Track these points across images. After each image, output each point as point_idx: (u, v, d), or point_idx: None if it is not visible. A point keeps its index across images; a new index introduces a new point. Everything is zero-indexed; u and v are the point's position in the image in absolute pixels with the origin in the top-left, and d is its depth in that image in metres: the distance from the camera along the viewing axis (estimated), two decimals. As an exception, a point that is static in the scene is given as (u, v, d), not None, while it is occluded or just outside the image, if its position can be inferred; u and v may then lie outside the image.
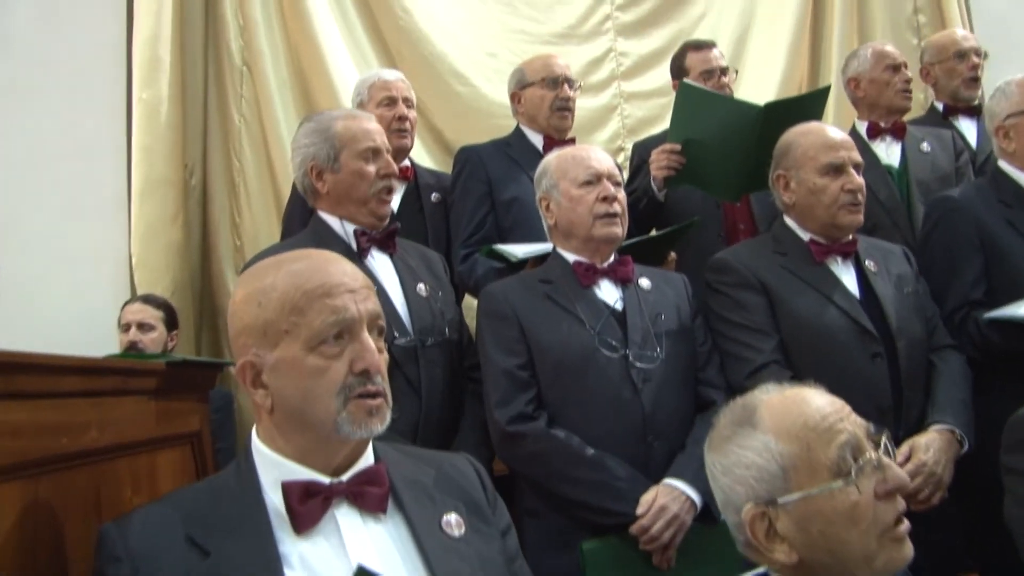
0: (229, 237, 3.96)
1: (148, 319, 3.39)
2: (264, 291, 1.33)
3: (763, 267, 2.35)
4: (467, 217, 2.99)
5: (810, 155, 2.37)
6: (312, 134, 2.29)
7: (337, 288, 1.33)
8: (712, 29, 4.40)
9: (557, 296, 2.22)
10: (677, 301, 2.32)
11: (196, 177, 3.92)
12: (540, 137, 3.14)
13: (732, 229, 3.16)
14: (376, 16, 4.15)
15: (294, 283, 1.32)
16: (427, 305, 2.28)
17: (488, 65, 4.21)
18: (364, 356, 1.32)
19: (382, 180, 2.27)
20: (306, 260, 1.37)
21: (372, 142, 2.28)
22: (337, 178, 2.26)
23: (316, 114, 2.40)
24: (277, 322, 1.30)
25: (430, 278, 2.38)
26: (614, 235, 2.27)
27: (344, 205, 2.27)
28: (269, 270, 1.36)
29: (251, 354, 1.32)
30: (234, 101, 3.99)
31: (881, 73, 3.30)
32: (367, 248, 2.26)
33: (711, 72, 3.37)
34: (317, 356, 1.30)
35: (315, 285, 1.32)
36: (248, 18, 3.97)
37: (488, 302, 2.27)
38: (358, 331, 1.33)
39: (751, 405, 1.36)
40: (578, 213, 2.27)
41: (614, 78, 4.41)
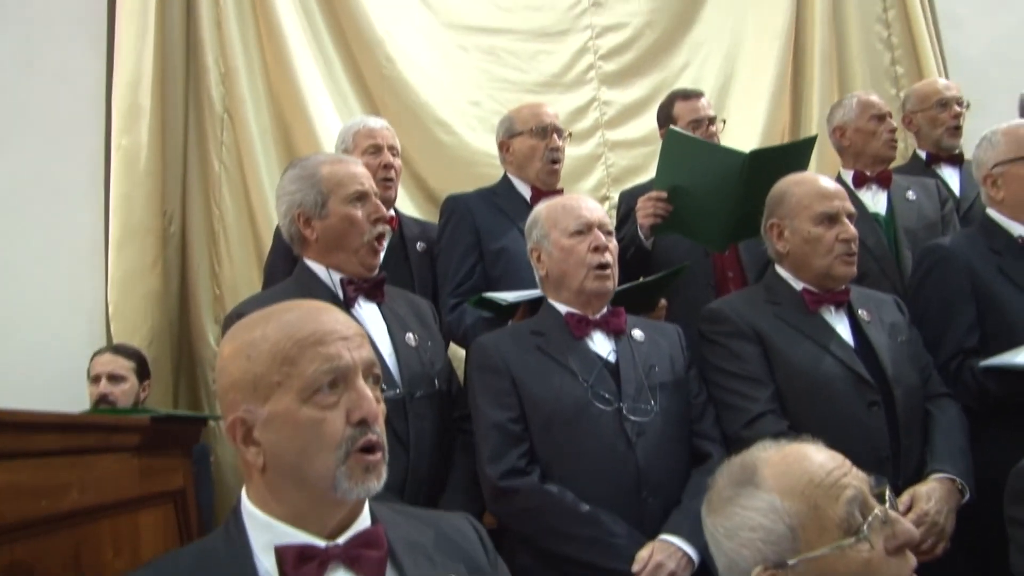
0: (209, 286, 3.90)
1: (119, 370, 3.31)
2: (253, 343, 1.28)
3: (757, 316, 2.34)
4: (455, 267, 2.95)
5: (804, 204, 2.37)
6: (298, 180, 2.24)
7: (329, 336, 1.29)
8: (695, 79, 4.44)
9: (549, 348, 2.20)
10: (671, 352, 2.30)
11: (175, 225, 3.87)
12: (528, 187, 3.12)
13: (721, 278, 3.15)
14: (359, 65, 4.16)
15: (285, 333, 1.28)
16: (416, 356, 2.23)
17: (472, 114, 4.22)
18: (362, 404, 1.27)
19: (374, 226, 2.23)
20: (296, 310, 1.33)
21: (360, 186, 2.24)
22: (326, 224, 2.21)
23: (301, 159, 2.35)
24: (268, 374, 1.26)
25: (419, 327, 2.33)
26: (606, 289, 2.26)
27: (333, 253, 2.22)
28: (258, 322, 1.32)
29: (242, 410, 1.27)
30: (215, 148, 3.96)
31: (867, 123, 3.34)
32: (354, 297, 2.21)
33: (699, 121, 3.39)
34: (312, 407, 1.25)
35: (306, 334, 1.28)
36: (230, 65, 3.96)
37: (479, 355, 2.24)
38: (353, 379, 1.28)
39: (751, 464, 1.33)
40: (570, 264, 2.25)
41: (598, 127, 4.43)
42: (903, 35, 4.65)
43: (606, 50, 4.52)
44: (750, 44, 4.63)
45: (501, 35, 4.40)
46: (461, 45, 4.33)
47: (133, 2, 3.70)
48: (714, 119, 3.44)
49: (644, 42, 4.56)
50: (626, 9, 4.58)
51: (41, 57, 3.56)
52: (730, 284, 3.09)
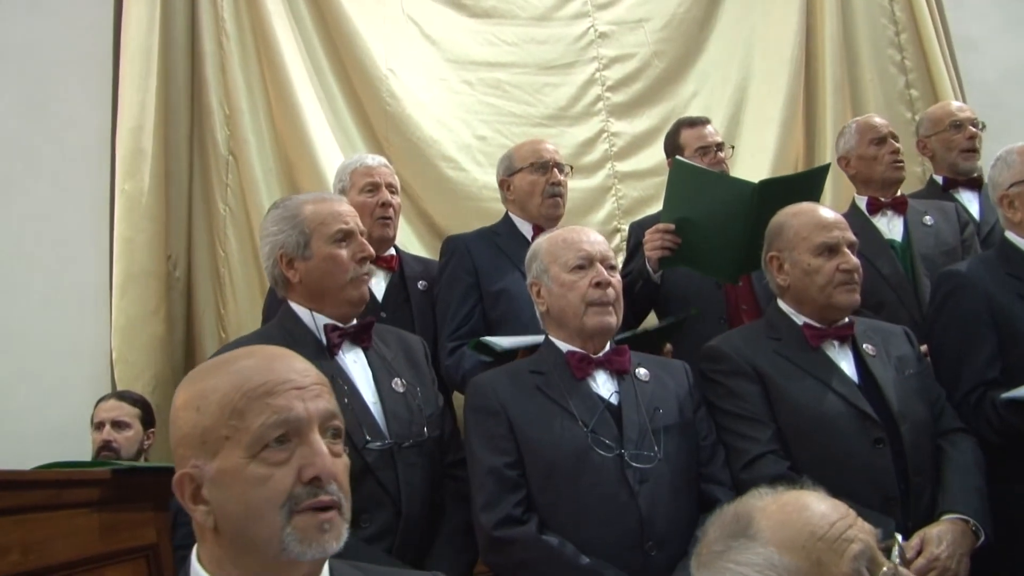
0: (214, 329, 3.85)
1: (123, 417, 3.25)
2: (203, 394, 1.21)
3: (757, 353, 2.27)
4: (453, 309, 2.90)
5: (803, 235, 2.30)
6: (280, 221, 2.20)
7: (281, 386, 1.21)
8: (704, 108, 4.36)
9: (549, 389, 2.12)
10: (678, 392, 2.22)
11: (180, 269, 3.84)
12: (529, 226, 3.07)
13: (734, 311, 3.07)
14: (363, 102, 4.13)
15: (234, 383, 1.20)
16: (404, 403, 2.15)
17: (478, 149, 4.17)
18: (314, 461, 1.19)
19: (358, 264, 2.17)
20: (250, 358, 1.26)
21: (344, 224, 2.18)
22: (309, 266, 2.15)
23: (284, 199, 2.30)
24: (216, 428, 1.18)
25: (408, 369, 2.25)
26: (607, 325, 2.17)
27: (317, 296, 2.17)
28: (211, 371, 1.25)
29: (190, 466, 1.20)
30: (219, 190, 3.93)
31: (867, 148, 3.25)
32: (338, 343, 2.15)
33: (707, 148, 3.32)
34: (259, 463, 1.17)
35: (256, 384, 1.20)
36: (234, 107, 3.94)
37: (475, 396, 2.16)
38: (306, 433, 1.20)
39: (745, 514, 1.21)
40: (569, 300, 2.18)
41: (607, 159, 4.36)
42: (917, 58, 4.56)
43: (614, 81, 4.47)
44: (760, 71, 4.55)
45: (507, 69, 4.36)
46: (466, 80, 4.29)
47: (136, 46, 3.70)
48: (722, 145, 3.37)
49: (652, 72, 4.51)
50: (633, 39, 4.53)
51: (48, 102, 3.58)
52: (744, 317, 3.00)
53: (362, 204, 2.85)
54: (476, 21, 4.40)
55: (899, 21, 4.61)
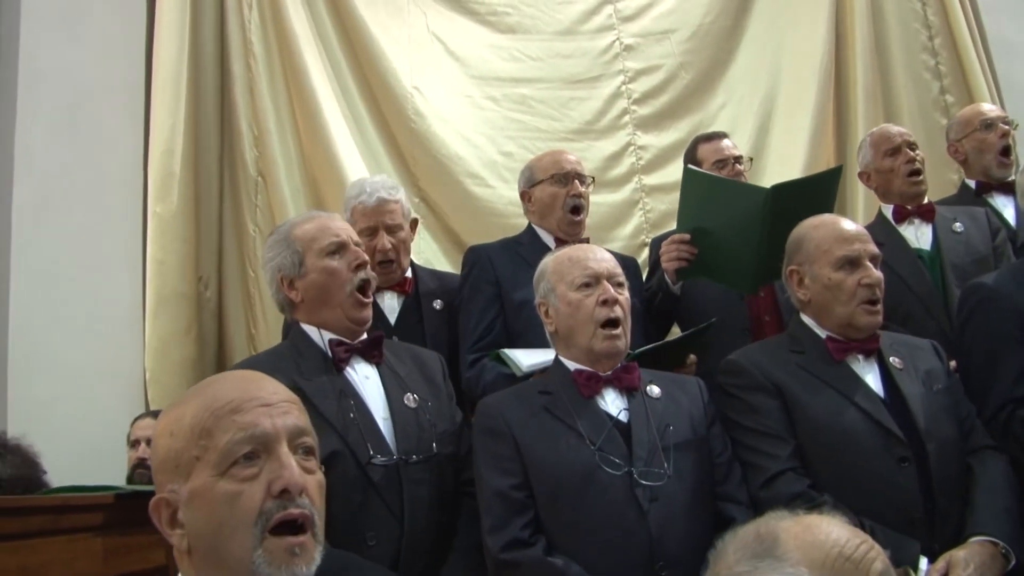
0: (245, 349, 3.88)
1: None
2: (178, 419, 1.24)
3: (777, 368, 2.20)
4: (475, 320, 2.87)
5: (823, 249, 2.24)
6: (274, 246, 2.24)
7: (248, 403, 1.23)
8: (732, 119, 4.34)
9: (556, 408, 2.08)
10: (691, 408, 2.16)
11: (211, 290, 3.89)
12: (551, 237, 3.03)
13: (757, 322, 3.01)
14: (388, 121, 4.15)
15: (205, 405, 1.23)
16: (414, 418, 2.13)
17: (504, 165, 4.17)
18: (282, 474, 1.19)
19: (355, 273, 2.17)
20: (223, 381, 1.29)
21: (335, 237, 2.20)
22: (307, 283, 2.17)
23: (279, 226, 2.34)
24: (188, 449, 1.21)
25: (422, 385, 2.24)
26: (616, 350, 2.13)
27: (319, 311, 2.18)
28: (187, 398, 1.28)
29: (166, 491, 1.21)
30: (249, 211, 3.97)
31: (882, 160, 3.16)
32: (346, 358, 2.14)
33: (724, 161, 3.28)
34: (228, 480, 1.18)
35: (224, 403, 1.22)
36: (262, 128, 3.99)
37: (482, 417, 2.14)
38: (275, 448, 1.21)
39: (769, 534, 1.18)
40: (577, 319, 2.14)
41: (634, 172, 4.33)
42: (951, 63, 4.44)
43: (640, 94, 4.44)
44: (788, 81, 4.49)
45: (532, 84, 4.36)
46: (491, 96, 4.30)
47: (167, 71, 3.76)
48: (740, 158, 3.32)
49: (679, 84, 4.47)
50: (659, 51, 4.50)
51: (82, 127, 3.62)
52: (767, 329, 2.95)
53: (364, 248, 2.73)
54: (501, 36, 4.41)
55: (932, 25, 4.50)
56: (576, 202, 2.99)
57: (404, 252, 2.95)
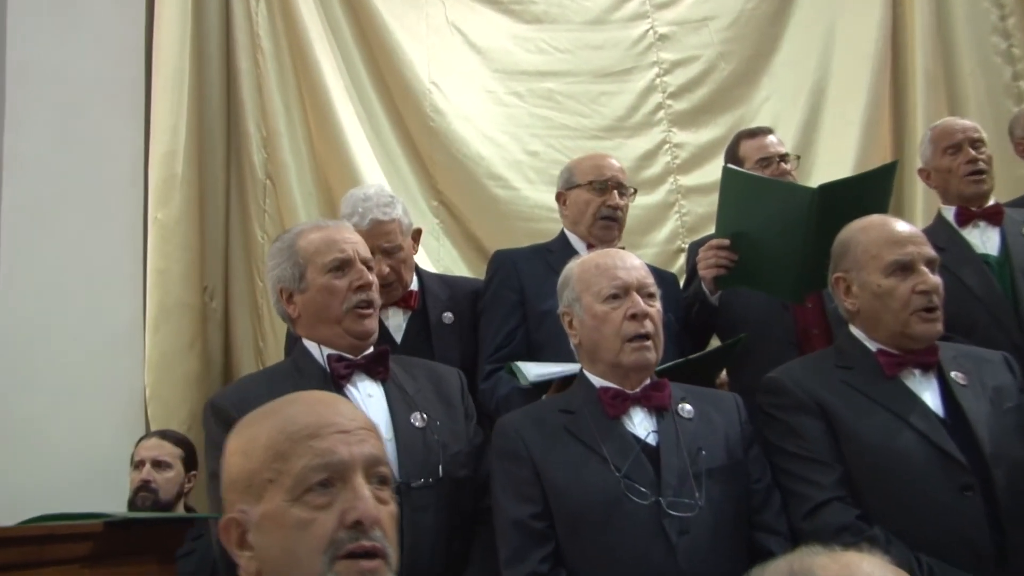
0: (253, 364, 3.88)
1: (165, 456, 3.28)
2: (252, 439, 1.29)
3: (822, 385, 2.13)
4: (494, 329, 2.86)
5: (872, 253, 2.16)
6: (277, 255, 2.21)
7: (325, 428, 1.27)
8: (776, 114, 4.27)
9: (578, 430, 2.04)
10: (726, 429, 2.11)
11: (216, 300, 3.90)
12: (584, 244, 3.00)
13: (804, 335, 2.94)
14: (405, 119, 4.14)
15: (280, 427, 1.28)
16: (421, 439, 2.10)
17: (529, 165, 4.15)
18: (356, 505, 1.23)
19: (356, 294, 2.15)
20: (298, 403, 1.33)
21: (340, 253, 2.17)
22: (305, 299, 2.16)
23: (285, 232, 2.32)
24: (261, 472, 1.26)
25: (434, 403, 2.20)
26: (645, 362, 2.08)
27: (318, 328, 2.16)
28: (260, 417, 1.33)
29: (236, 511, 1.27)
30: (257, 217, 3.98)
31: (941, 159, 3.07)
32: (346, 375, 2.12)
33: (768, 159, 3.21)
34: (301, 507, 1.23)
35: (300, 427, 1.27)
36: (271, 129, 3.99)
37: (499, 438, 2.10)
38: (350, 477, 1.25)
39: (803, 572, 1.12)
40: (603, 333, 2.10)
41: (669, 172, 4.29)
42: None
43: (676, 87, 4.39)
44: (839, 69, 4.40)
45: (559, 78, 4.33)
46: (515, 91, 4.28)
47: (169, 67, 3.77)
48: (786, 156, 3.25)
49: (718, 76, 4.41)
50: (696, 40, 4.45)
51: (78, 128, 3.63)
52: (815, 342, 2.87)
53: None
54: (525, 27, 4.39)
55: (1005, 4, 4.36)
56: (610, 214, 2.96)
57: (406, 269, 2.89)
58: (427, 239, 3.19)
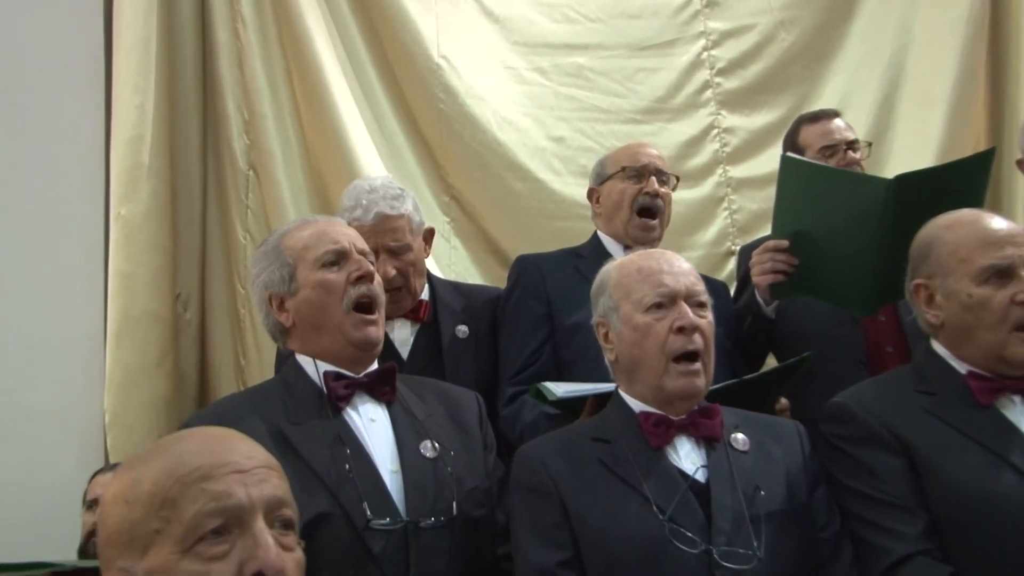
0: (233, 384, 3.91)
1: None
2: (134, 484, 1.28)
3: (900, 414, 2.11)
4: (518, 346, 2.90)
5: (961, 256, 2.14)
6: (262, 259, 2.23)
7: (219, 468, 1.27)
8: (844, 93, 4.28)
9: (614, 462, 2.04)
10: (787, 464, 2.11)
11: (191, 310, 3.92)
12: (620, 247, 3.03)
13: (876, 353, 2.96)
14: (410, 101, 4.17)
15: (167, 469, 1.27)
16: (431, 472, 2.10)
17: (554, 153, 4.17)
18: (256, 554, 1.23)
19: (356, 287, 2.16)
20: (188, 441, 1.34)
21: (334, 244, 2.19)
22: (298, 302, 2.17)
23: (270, 235, 2.34)
24: (146, 520, 1.25)
25: (448, 431, 2.22)
26: (693, 390, 2.09)
27: (313, 337, 2.17)
28: (143, 459, 1.32)
29: (116, 569, 1.25)
30: (238, 213, 4.01)
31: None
32: (345, 395, 2.13)
33: (834, 147, 3.23)
34: (193, 559, 1.22)
35: (191, 468, 1.27)
36: (255, 112, 4.01)
37: (521, 471, 2.10)
38: (249, 522, 1.26)
39: None
40: (645, 349, 2.09)
41: (718, 162, 4.31)
42: None
43: (726, 62, 4.41)
44: (923, 38, 4.36)
45: (590, 52, 4.35)
46: (538, 67, 4.30)
47: (133, 37, 3.78)
48: (855, 143, 3.27)
49: (776, 49, 4.41)
50: (751, 6, 4.46)
51: (28, 109, 3.68)
52: (888, 362, 2.88)
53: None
54: (551, -8, 4.39)
55: None
56: (648, 202, 2.99)
57: (415, 274, 2.92)
58: (436, 240, 3.18)
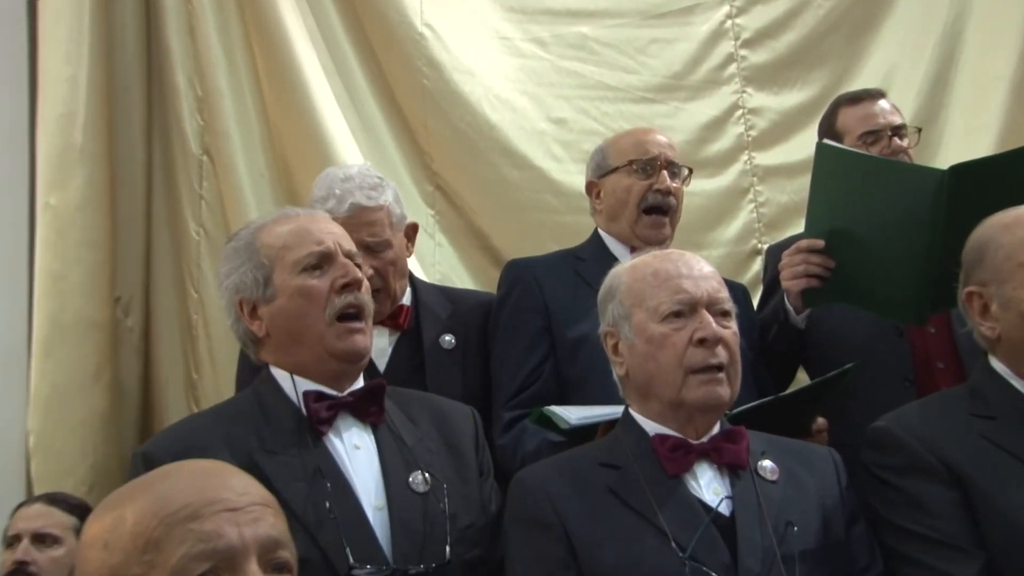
0: (183, 402, 3.93)
1: (51, 528, 3.25)
2: (114, 526, 1.29)
3: (953, 441, 2.12)
4: (513, 365, 2.91)
5: (1019, 260, 2.15)
6: (233, 256, 2.24)
7: (209, 507, 1.28)
8: (890, 69, 4.29)
9: (627, 491, 2.06)
10: (822, 496, 2.13)
11: (133, 317, 3.93)
12: (626, 248, 3.05)
13: (924, 369, 2.97)
14: (389, 76, 4.18)
15: (151, 509, 1.28)
16: (421, 509, 2.11)
17: (554, 137, 4.19)
18: None
19: (342, 296, 2.17)
20: (174, 477, 1.35)
21: (317, 245, 2.19)
22: (273, 310, 2.17)
23: (240, 228, 2.33)
24: (127, 565, 1.26)
25: (441, 458, 2.23)
26: (716, 399, 2.10)
27: (291, 350, 2.18)
28: (124, 497, 1.33)
29: None
30: (190, 204, 4.02)
31: None
32: (327, 418, 2.13)
33: (876, 132, 3.23)
34: None
35: (177, 507, 1.28)
36: (210, 87, 4.02)
37: (520, 500, 2.13)
38: (241, 566, 1.27)
39: None
40: (660, 362, 2.11)
41: (742, 148, 4.32)
42: None
43: (753, 32, 4.42)
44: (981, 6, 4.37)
45: (595, 20, 4.36)
46: (536, 38, 4.31)
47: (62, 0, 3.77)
48: (901, 128, 3.27)
49: (811, 17, 4.42)
50: (783, -34, 4.46)
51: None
52: (939, 380, 2.90)
53: None
54: (550, -50, 4.40)
55: None
56: (659, 200, 3.01)
57: (395, 275, 2.94)
58: (420, 236, 3.18)
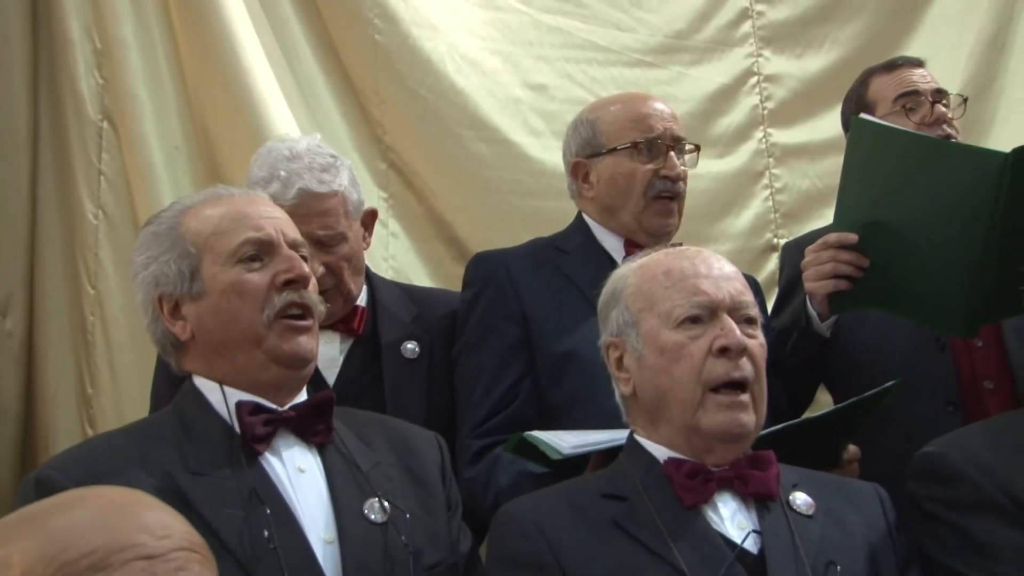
0: (75, 420, 3.95)
1: None
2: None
3: (1017, 470, 2.19)
4: (484, 385, 2.97)
5: None
6: (152, 242, 2.26)
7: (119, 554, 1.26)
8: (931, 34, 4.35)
9: (635, 525, 2.13)
10: (868, 536, 2.20)
11: (13, 318, 3.94)
12: (619, 241, 3.07)
13: (970, 390, 3.05)
14: (333, 33, 4.18)
15: (46, 553, 1.26)
16: (379, 542, 2.15)
17: (533, 106, 4.23)
18: None
19: (283, 293, 2.19)
20: (81, 508, 1.34)
21: (255, 231, 2.22)
22: (201, 309, 2.19)
23: (161, 211, 2.36)
24: None
25: (401, 486, 2.28)
26: (740, 427, 2.17)
27: (221, 356, 2.20)
28: (16, 529, 1.31)
29: None
30: (86, 181, 4.01)
31: None
32: (264, 437, 2.15)
33: (915, 95, 3.28)
34: None
35: (80, 553, 1.25)
36: (111, 38, 4.00)
37: (506, 536, 2.20)
38: None
39: None
40: (675, 376, 2.17)
41: (757, 122, 4.39)
42: None
43: (770, -14, 4.43)
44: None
45: (583, -30, 4.32)
46: (513, -11, 4.27)
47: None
48: (943, 95, 3.29)
49: (838, -33, 4.42)
50: (804, -89, 4.46)
51: None
52: (987, 403, 3.00)
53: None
54: None
55: None
56: (669, 189, 3.02)
57: (351, 272, 2.99)
58: (373, 225, 3.20)
